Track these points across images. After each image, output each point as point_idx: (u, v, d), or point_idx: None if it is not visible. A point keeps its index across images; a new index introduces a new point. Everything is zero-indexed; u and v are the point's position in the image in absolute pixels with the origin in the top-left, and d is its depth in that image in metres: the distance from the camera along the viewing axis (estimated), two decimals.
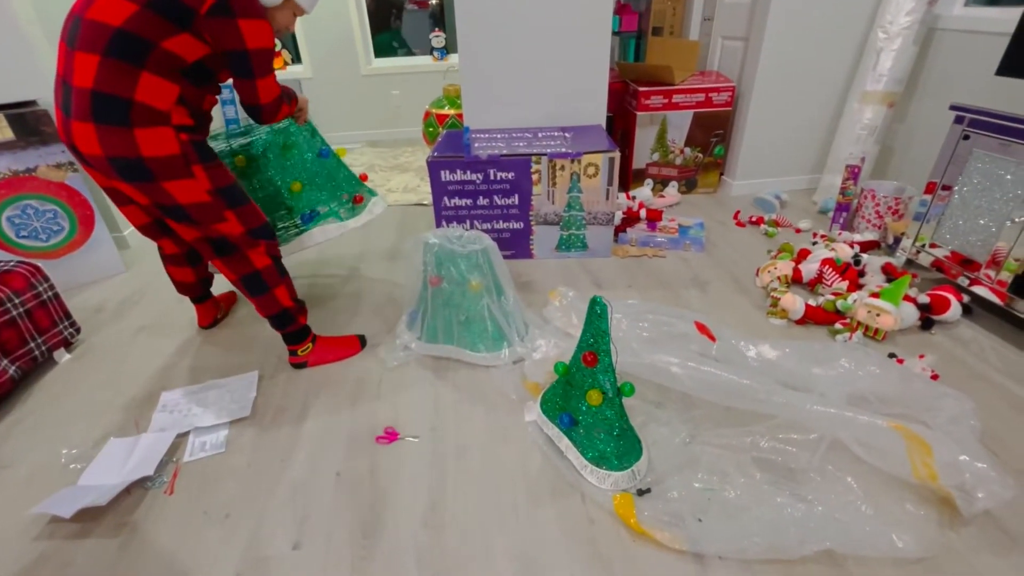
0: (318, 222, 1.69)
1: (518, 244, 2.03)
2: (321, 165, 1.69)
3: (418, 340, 1.53)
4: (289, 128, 1.62)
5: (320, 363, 1.51)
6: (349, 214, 1.71)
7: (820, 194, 2.45)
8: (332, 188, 1.70)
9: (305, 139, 1.66)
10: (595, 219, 1.97)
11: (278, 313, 1.38)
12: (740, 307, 1.72)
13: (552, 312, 1.62)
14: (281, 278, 1.36)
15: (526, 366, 1.41)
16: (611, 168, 1.86)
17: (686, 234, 2.11)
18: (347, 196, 1.73)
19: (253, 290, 1.33)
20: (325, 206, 1.70)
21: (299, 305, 1.42)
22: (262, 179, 1.62)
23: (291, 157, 1.64)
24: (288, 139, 1.62)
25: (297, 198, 1.67)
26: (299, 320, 1.43)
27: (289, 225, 1.68)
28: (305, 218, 1.68)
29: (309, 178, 1.67)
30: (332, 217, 1.71)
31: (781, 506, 1.02)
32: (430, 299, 1.46)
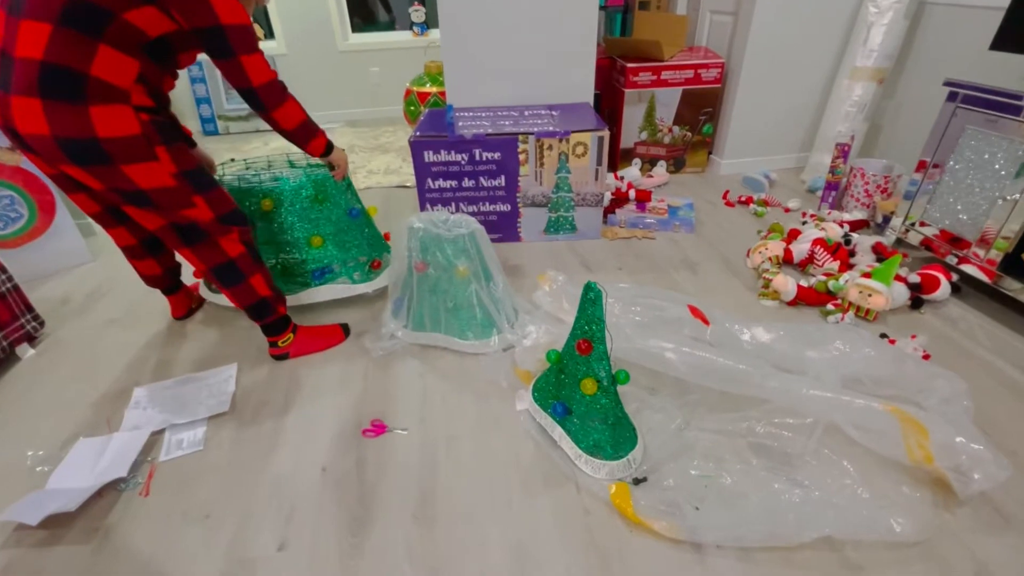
0: (329, 281, 1.62)
1: (505, 227, 1.98)
2: (348, 223, 1.60)
3: (404, 328, 1.47)
4: (326, 180, 1.52)
5: (302, 354, 1.45)
6: (363, 278, 1.64)
7: (808, 173, 2.43)
8: (353, 249, 1.62)
9: (340, 194, 1.56)
10: (584, 200, 1.92)
11: (255, 303, 1.31)
12: (731, 289, 1.69)
13: (542, 297, 1.58)
14: (256, 266, 1.29)
15: (516, 353, 1.37)
16: (600, 147, 1.81)
17: (675, 215, 2.08)
18: (366, 259, 1.64)
19: (227, 280, 1.26)
20: (340, 264, 1.61)
21: (277, 294, 1.36)
22: (284, 225, 1.53)
23: (320, 211, 1.54)
24: (322, 191, 1.52)
25: (314, 252, 1.57)
26: (278, 310, 1.37)
27: (298, 277, 1.60)
28: (316, 274, 1.60)
29: (333, 235, 1.58)
30: (344, 277, 1.63)
31: (778, 492, 1.01)
32: (416, 286, 1.41)
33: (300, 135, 1.23)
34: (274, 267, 1.58)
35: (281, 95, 1.16)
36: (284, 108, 1.17)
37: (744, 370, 1.15)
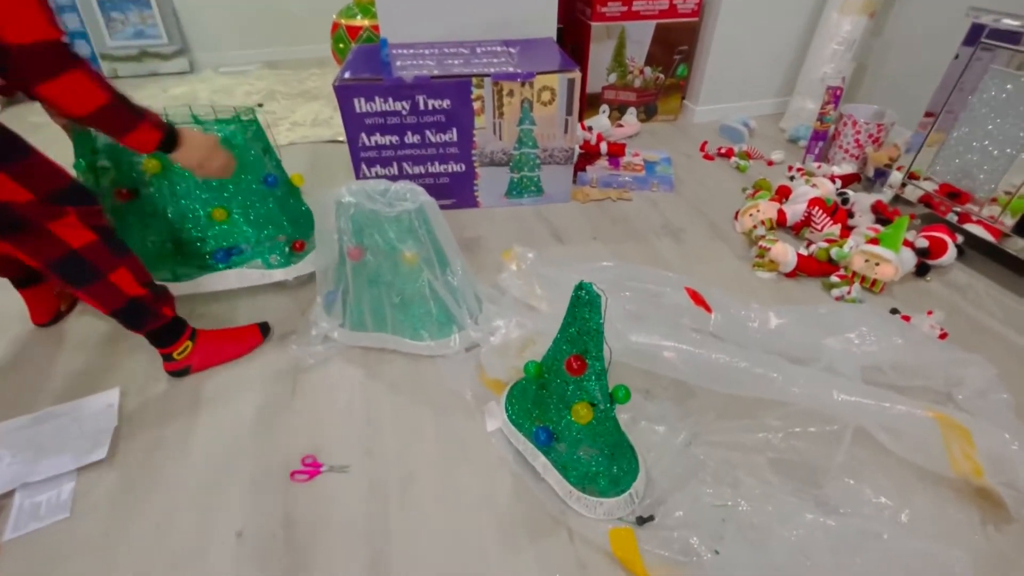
0: (237, 264, 1.28)
1: (460, 191, 1.67)
2: (263, 193, 1.26)
3: (341, 328, 1.18)
4: (235, 138, 1.17)
5: (208, 366, 1.14)
6: (282, 261, 1.30)
7: (788, 120, 2.23)
8: (269, 225, 1.28)
9: (252, 158, 1.21)
10: (552, 157, 1.64)
11: (124, 307, 0.98)
12: (721, 258, 1.49)
13: (509, 279, 1.31)
14: (117, 257, 0.95)
15: (482, 355, 1.12)
16: (570, 92, 1.51)
17: (652, 171, 1.83)
18: (285, 239, 1.30)
19: (75, 279, 0.92)
20: (252, 244, 1.27)
21: (157, 292, 1.03)
22: (176, 193, 1.19)
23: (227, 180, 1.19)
24: (231, 149, 1.13)
25: (218, 228, 1.24)
26: (162, 312, 1.04)
27: (196, 259, 1.26)
28: (220, 255, 1.26)
29: (243, 208, 1.24)
30: (258, 260, 1.29)
31: (811, 526, 0.84)
32: (351, 276, 1.11)
33: (105, 124, 0.82)
34: (163, 246, 1.24)
35: (60, 62, 0.74)
36: (64, 81, 0.74)
37: (762, 374, 0.95)
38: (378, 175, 1.59)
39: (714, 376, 0.97)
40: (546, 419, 0.90)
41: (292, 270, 1.32)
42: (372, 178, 1.54)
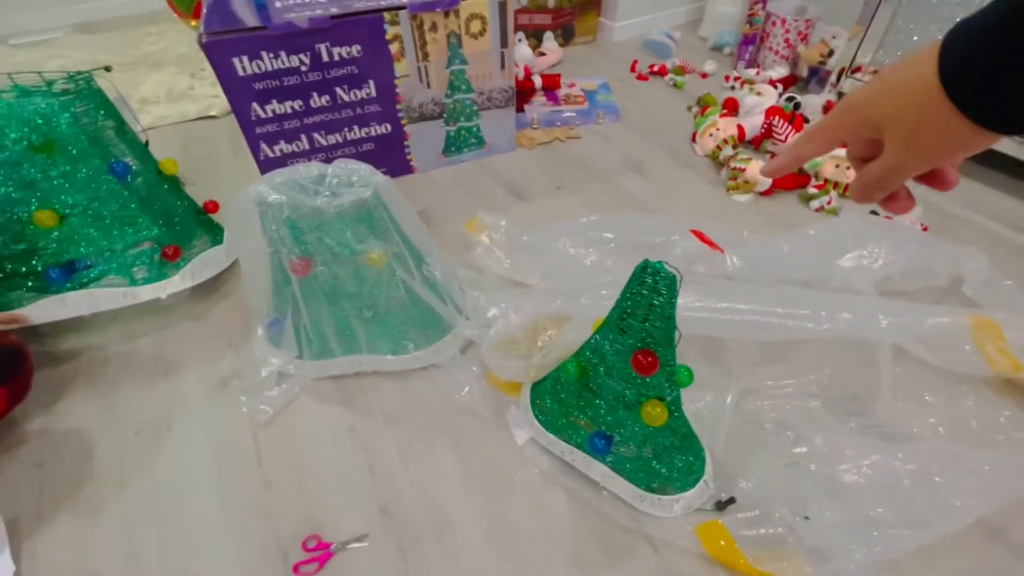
0: (84, 282, 0.95)
1: (389, 157, 1.39)
2: (111, 188, 0.93)
3: (298, 360, 0.93)
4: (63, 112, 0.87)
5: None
6: (151, 275, 0.98)
7: (707, 27, 2.13)
8: (124, 228, 0.96)
9: (84, 137, 0.89)
10: (490, 101, 1.40)
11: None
12: (693, 187, 1.39)
13: (484, 256, 1.11)
14: None
15: (485, 354, 0.93)
16: (503, 18, 1.26)
17: (594, 101, 1.66)
18: (152, 244, 0.98)
19: None
20: (102, 255, 0.95)
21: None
22: None
23: (46, 167, 0.88)
24: (50, 132, 0.87)
25: (47, 237, 0.91)
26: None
27: (23, 279, 0.93)
28: (57, 274, 0.92)
29: (81, 208, 0.92)
30: (115, 276, 0.96)
31: (885, 462, 0.79)
32: (300, 296, 0.85)
33: None
34: None
35: None
36: None
37: (808, 315, 0.86)
38: (284, 153, 1.27)
39: (756, 328, 0.87)
40: (598, 422, 0.75)
41: (165, 285, 1.00)
42: (276, 157, 1.24)
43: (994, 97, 0.25)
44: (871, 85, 0.32)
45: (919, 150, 0.30)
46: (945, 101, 0.27)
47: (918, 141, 0.29)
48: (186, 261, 1.03)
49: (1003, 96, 0.25)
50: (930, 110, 0.28)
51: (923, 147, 0.29)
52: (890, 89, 0.30)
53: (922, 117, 0.28)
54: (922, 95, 0.28)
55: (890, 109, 0.30)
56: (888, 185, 0.33)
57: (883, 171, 0.32)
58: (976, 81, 0.26)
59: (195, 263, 1.03)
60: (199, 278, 1.03)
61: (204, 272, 1.04)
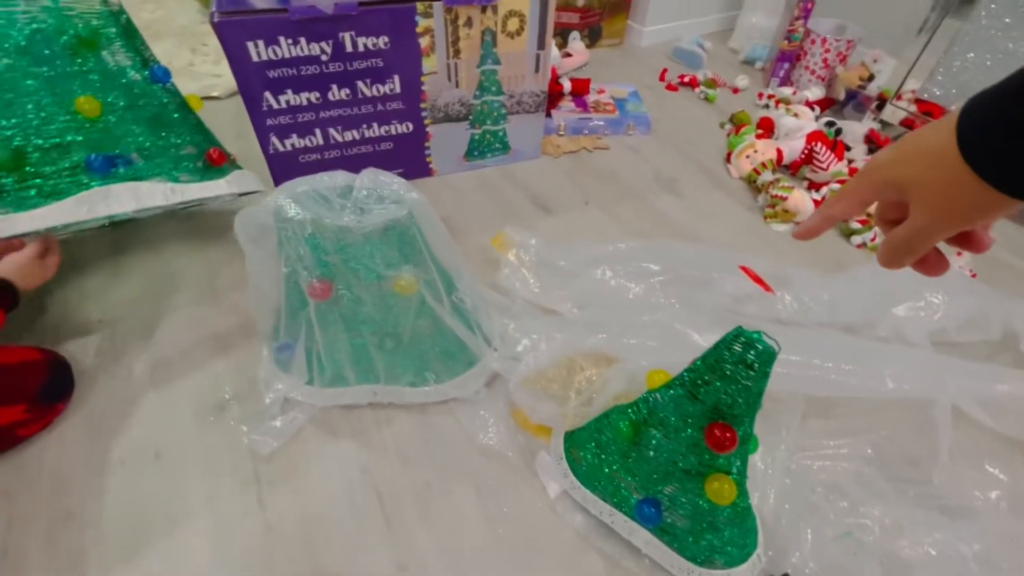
0: (124, 176, 0.87)
1: (408, 158, 1.29)
2: (151, 90, 0.93)
3: (307, 386, 0.84)
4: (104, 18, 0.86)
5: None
6: (193, 176, 0.93)
7: (739, 39, 2.05)
8: (166, 131, 0.93)
9: (124, 42, 0.89)
10: (519, 105, 1.31)
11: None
12: (728, 211, 1.31)
13: (511, 277, 1.03)
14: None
15: (513, 391, 0.85)
16: (543, 18, 1.17)
17: (624, 110, 1.57)
18: (194, 150, 0.95)
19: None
20: (143, 152, 0.89)
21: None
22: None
23: (88, 63, 0.85)
24: (89, 29, 0.84)
25: (87, 125, 0.85)
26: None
27: (56, 170, 0.84)
28: (98, 164, 0.84)
29: (122, 104, 0.89)
30: (159, 177, 0.90)
31: (945, 539, 0.73)
32: (316, 321, 0.76)
33: None
34: None
35: None
36: None
37: (872, 373, 0.79)
38: (295, 148, 1.16)
39: (816, 383, 0.80)
40: (647, 486, 0.68)
41: (211, 186, 0.96)
42: (287, 151, 1.13)
43: (1011, 164, 0.26)
44: (894, 149, 0.33)
45: (943, 215, 0.30)
46: (965, 168, 0.28)
47: (942, 206, 0.30)
48: (228, 171, 1.00)
49: (1020, 163, 0.26)
50: (952, 176, 0.28)
51: (947, 212, 0.30)
52: (913, 154, 0.31)
53: (944, 183, 0.29)
54: (943, 161, 0.28)
55: (914, 174, 0.31)
56: (917, 249, 0.33)
57: (910, 235, 0.32)
58: (993, 148, 0.26)
59: (237, 174, 1.01)
60: (244, 187, 1.01)
61: (248, 183, 1.03)
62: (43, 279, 0.86)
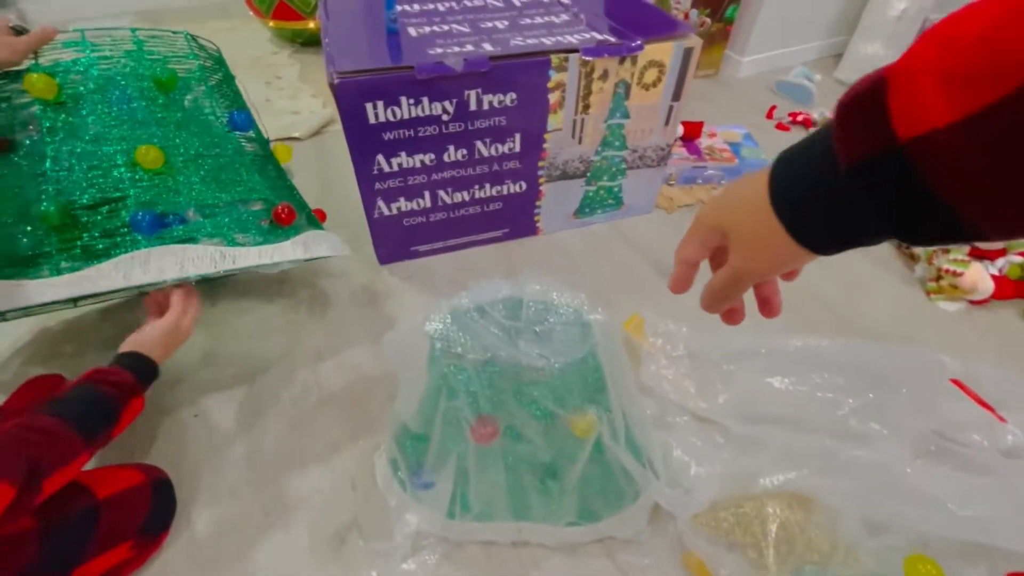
0: (173, 237, 0.73)
1: (515, 217, 1.17)
2: (228, 138, 0.84)
3: (449, 520, 0.71)
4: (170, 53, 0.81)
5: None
6: (254, 238, 0.78)
7: (848, 69, 1.87)
8: (235, 184, 0.81)
9: (208, 84, 0.85)
10: (642, 160, 1.17)
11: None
12: (880, 282, 1.14)
13: (658, 376, 0.88)
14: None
15: (683, 531, 0.71)
16: (683, 68, 1.03)
17: (740, 156, 1.41)
18: (262, 205, 0.81)
19: None
20: (202, 208, 0.77)
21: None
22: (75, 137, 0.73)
23: (166, 108, 0.78)
24: (166, 71, 0.78)
25: (145, 178, 0.74)
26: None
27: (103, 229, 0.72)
28: (145, 222, 0.71)
29: (192, 152, 0.79)
30: (214, 238, 0.75)
31: None
32: (474, 461, 0.63)
33: None
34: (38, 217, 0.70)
35: None
36: None
37: None
38: (400, 211, 1.05)
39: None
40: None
41: (273, 250, 0.78)
42: (392, 215, 1.02)
43: (805, 216, 0.29)
44: (719, 197, 0.34)
45: (755, 259, 0.32)
46: (773, 216, 0.29)
47: (754, 251, 0.32)
48: (298, 230, 0.83)
49: (811, 216, 0.28)
50: (764, 222, 0.30)
51: (759, 257, 0.32)
52: (737, 200, 0.33)
53: (757, 229, 0.31)
54: (758, 208, 0.30)
55: (734, 219, 0.33)
56: (730, 294, 0.35)
57: (725, 279, 0.34)
58: (792, 200, 0.29)
59: (309, 235, 0.84)
60: (314, 253, 0.83)
61: (320, 248, 0.85)
62: (179, 345, 0.76)
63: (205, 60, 0.88)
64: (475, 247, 1.18)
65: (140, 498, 0.69)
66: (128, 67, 0.77)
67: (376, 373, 0.93)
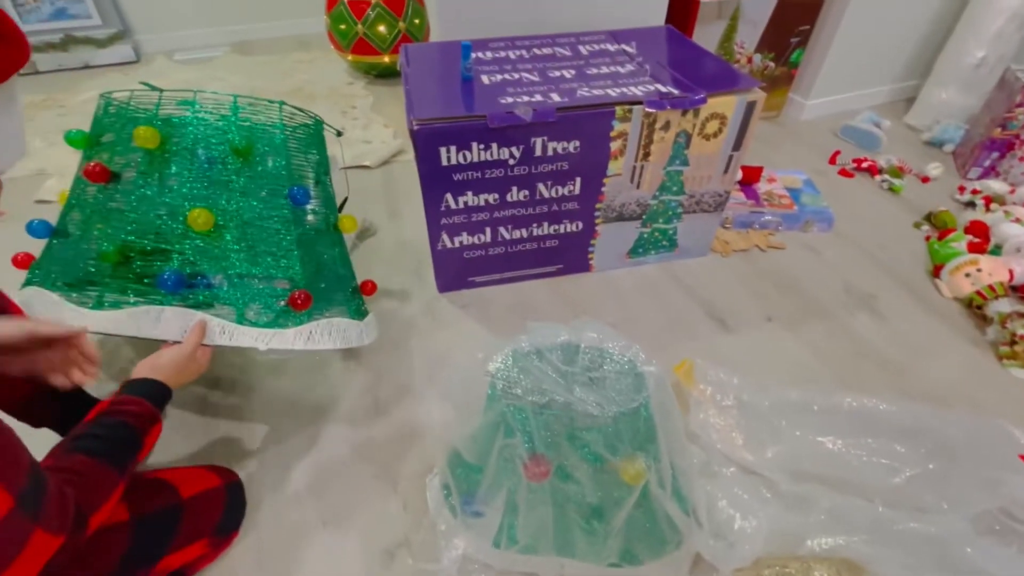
0: (190, 301, 0.77)
1: (570, 255, 1.21)
2: (281, 213, 0.84)
3: (494, 549, 0.74)
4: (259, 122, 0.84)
5: None
6: (265, 319, 0.80)
7: (920, 115, 1.82)
8: (270, 260, 0.82)
9: (284, 159, 0.85)
10: (698, 205, 1.18)
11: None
12: (945, 344, 1.10)
13: (705, 423, 0.89)
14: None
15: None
16: (745, 121, 1.05)
17: (800, 203, 1.40)
18: (288, 285, 0.82)
19: None
20: (231, 280, 0.80)
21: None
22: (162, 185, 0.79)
23: (235, 172, 0.81)
24: (244, 140, 0.81)
25: (189, 239, 0.78)
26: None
27: (133, 278, 0.77)
28: (170, 281, 0.75)
29: (243, 221, 0.81)
30: (225, 305, 0.79)
31: None
32: (523, 496, 0.66)
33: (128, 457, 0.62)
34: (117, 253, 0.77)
35: None
36: None
37: None
38: (462, 245, 1.11)
39: None
40: None
41: (272, 335, 0.79)
42: (453, 248, 1.08)
43: None
44: None
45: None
46: None
47: None
48: (309, 318, 0.84)
49: None
50: None
51: None
52: None
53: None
54: None
55: None
56: None
57: None
58: None
59: (318, 324, 0.84)
60: (315, 344, 0.83)
61: (323, 340, 0.84)
62: (196, 374, 0.77)
63: (292, 131, 0.88)
64: (530, 280, 1.23)
65: (217, 499, 0.76)
66: (219, 130, 0.81)
67: (433, 401, 0.98)
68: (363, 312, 0.96)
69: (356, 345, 0.89)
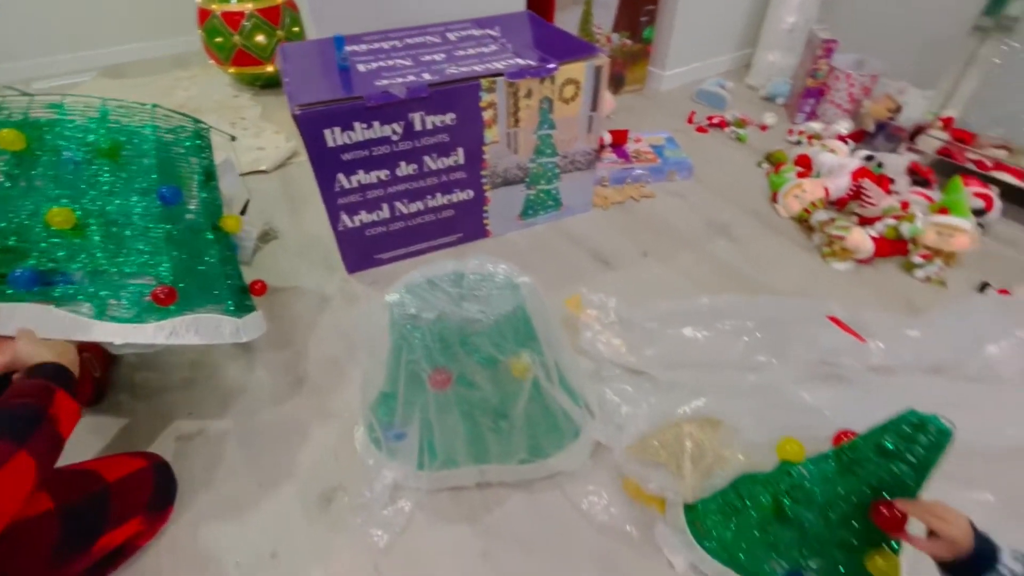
0: (46, 296, 0.79)
1: (467, 222, 1.32)
2: (149, 211, 0.85)
3: (419, 471, 0.83)
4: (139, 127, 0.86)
5: None
6: (124, 313, 0.81)
7: (757, 76, 2.11)
8: (133, 255, 0.84)
9: (155, 160, 0.86)
10: (572, 164, 1.34)
11: None
12: (785, 253, 1.33)
13: (593, 341, 1.03)
14: None
15: (619, 460, 0.85)
16: (597, 84, 1.21)
17: (664, 157, 1.61)
18: (153, 281, 0.83)
19: None
20: (88, 273, 0.81)
21: None
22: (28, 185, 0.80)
23: (104, 171, 0.83)
24: (108, 141, 0.83)
25: (52, 240, 0.80)
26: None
27: None
28: (23, 278, 0.77)
29: (107, 219, 0.82)
30: (85, 301, 0.80)
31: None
32: (434, 409, 0.76)
33: None
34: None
35: None
36: None
37: (991, 427, 0.79)
38: (362, 223, 1.18)
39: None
40: (792, 560, 0.66)
41: (129, 331, 0.80)
42: (355, 227, 1.16)
43: None
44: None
45: None
46: None
47: None
48: (175, 314, 0.83)
49: None
50: None
51: None
52: None
53: None
54: None
55: None
56: None
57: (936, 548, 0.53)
58: None
59: (183, 320, 0.83)
60: (178, 339, 0.82)
61: (188, 336, 0.83)
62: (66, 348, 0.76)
63: (165, 133, 0.88)
64: (433, 252, 1.32)
65: (144, 477, 0.79)
66: (86, 133, 0.82)
67: (349, 364, 1.05)
68: (245, 309, 0.94)
69: (231, 341, 0.88)
